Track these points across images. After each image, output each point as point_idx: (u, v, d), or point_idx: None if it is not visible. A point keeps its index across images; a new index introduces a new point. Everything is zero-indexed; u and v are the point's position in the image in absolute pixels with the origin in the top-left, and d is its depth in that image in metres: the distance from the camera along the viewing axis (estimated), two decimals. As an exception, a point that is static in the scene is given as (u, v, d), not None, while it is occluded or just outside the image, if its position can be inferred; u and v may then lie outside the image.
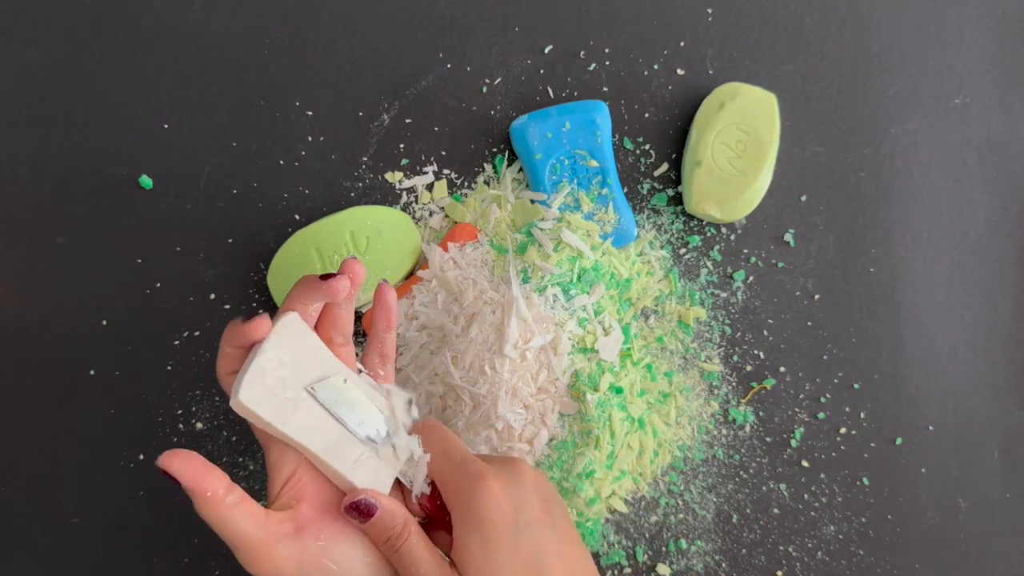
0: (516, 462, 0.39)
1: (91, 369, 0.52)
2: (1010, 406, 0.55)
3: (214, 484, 0.34)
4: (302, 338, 0.38)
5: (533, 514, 0.36)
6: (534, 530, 0.36)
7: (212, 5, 0.54)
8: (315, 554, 0.35)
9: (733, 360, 0.55)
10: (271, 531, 0.34)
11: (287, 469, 0.37)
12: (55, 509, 0.52)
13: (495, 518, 0.35)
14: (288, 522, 0.35)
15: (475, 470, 0.37)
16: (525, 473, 0.38)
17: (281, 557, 0.34)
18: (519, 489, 0.37)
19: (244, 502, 0.35)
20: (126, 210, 0.53)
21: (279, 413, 0.36)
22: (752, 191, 0.53)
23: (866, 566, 0.54)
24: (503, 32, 0.55)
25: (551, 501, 0.38)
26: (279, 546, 0.34)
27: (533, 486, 0.38)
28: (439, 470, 0.38)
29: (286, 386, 0.36)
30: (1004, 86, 0.57)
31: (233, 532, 0.34)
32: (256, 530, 0.34)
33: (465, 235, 0.53)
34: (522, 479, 0.37)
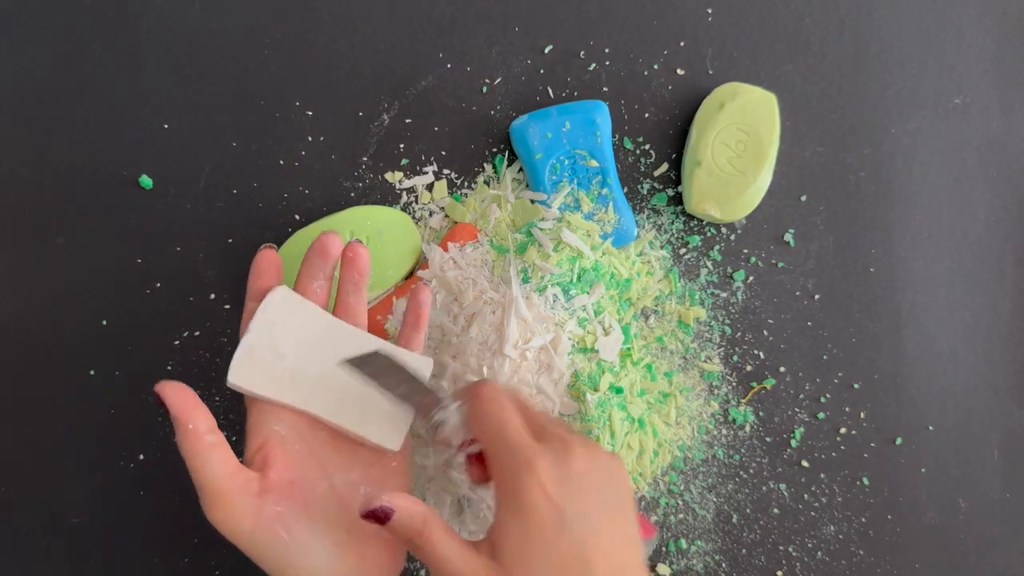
0: (574, 447, 0.36)
1: (91, 369, 0.52)
2: (1010, 406, 0.55)
3: (198, 419, 0.35)
4: (298, 310, 0.39)
5: (582, 508, 0.34)
6: (580, 527, 0.34)
7: (212, 5, 0.54)
8: (270, 518, 0.35)
9: (733, 360, 0.55)
10: (237, 482, 0.35)
11: (260, 435, 0.38)
12: (55, 509, 0.52)
13: (539, 510, 0.34)
14: (255, 481, 0.36)
15: (526, 456, 0.34)
16: (582, 461, 0.35)
17: (237, 510, 0.35)
18: (572, 480, 0.34)
19: (221, 447, 0.36)
20: (126, 210, 0.53)
21: (275, 386, 0.37)
22: (752, 191, 0.53)
23: (866, 566, 0.54)
24: (503, 32, 0.55)
25: (607, 492, 0.36)
26: (239, 499, 0.35)
27: (590, 476, 0.35)
28: (489, 446, 0.36)
29: (283, 356, 0.38)
30: (1004, 86, 0.57)
31: (202, 472, 0.35)
32: (223, 476, 0.35)
33: (465, 235, 0.53)
34: (575, 467, 0.35)
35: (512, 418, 0.36)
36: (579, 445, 0.36)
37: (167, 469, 0.52)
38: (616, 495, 0.36)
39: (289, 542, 0.35)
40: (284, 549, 0.35)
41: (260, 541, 0.35)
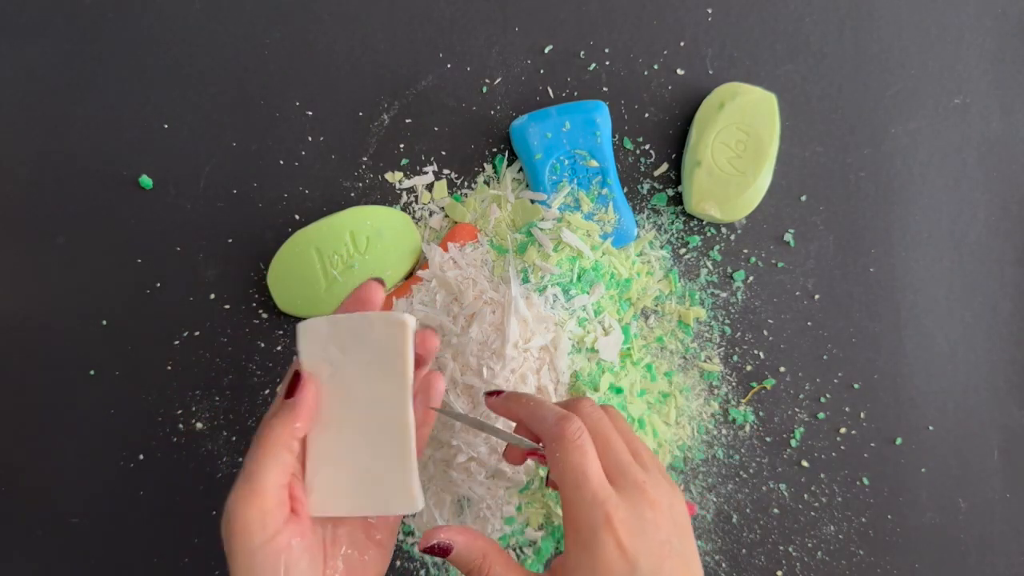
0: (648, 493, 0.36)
1: (91, 369, 0.52)
2: (1010, 406, 0.55)
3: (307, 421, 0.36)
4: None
5: (651, 560, 0.35)
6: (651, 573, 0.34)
7: (212, 5, 0.54)
8: (279, 547, 0.34)
9: (733, 360, 0.55)
10: (278, 497, 0.34)
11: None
12: (55, 509, 0.52)
13: (614, 564, 0.34)
14: (288, 504, 0.35)
15: (604, 511, 0.35)
16: (655, 508, 0.36)
17: (259, 520, 0.34)
18: (646, 531, 0.35)
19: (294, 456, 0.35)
20: (126, 210, 0.53)
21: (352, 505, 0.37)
22: (752, 191, 0.53)
23: (866, 566, 0.54)
24: (503, 32, 0.55)
25: (674, 533, 0.36)
26: (269, 511, 0.34)
27: (661, 522, 0.36)
28: (565, 492, 0.36)
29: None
30: (1004, 86, 0.57)
31: (262, 463, 0.34)
32: (273, 481, 0.34)
33: (465, 235, 0.53)
34: (650, 518, 0.36)
35: (593, 467, 0.36)
36: (652, 489, 0.37)
37: (167, 469, 0.52)
38: (681, 533, 0.37)
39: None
40: None
41: (258, 562, 0.34)
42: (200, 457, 0.52)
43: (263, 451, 0.35)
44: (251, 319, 0.53)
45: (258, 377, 0.53)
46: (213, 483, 0.52)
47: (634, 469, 0.37)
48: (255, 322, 0.53)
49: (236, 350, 0.53)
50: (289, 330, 0.53)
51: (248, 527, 0.34)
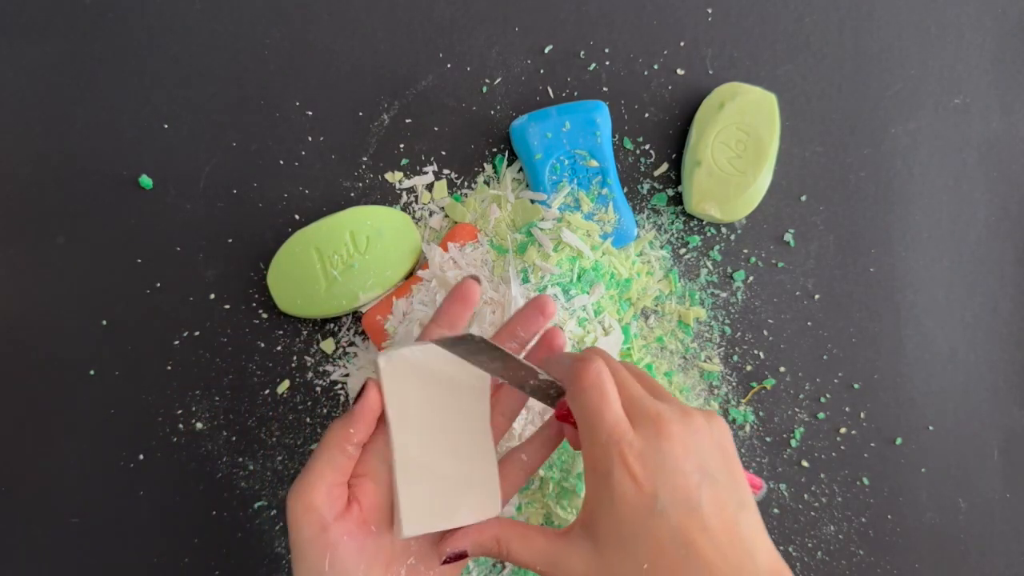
0: (669, 426, 0.35)
1: (91, 369, 0.52)
2: (1010, 406, 0.55)
3: (360, 429, 0.38)
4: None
5: (675, 492, 0.34)
6: (674, 510, 0.33)
7: (212, 5, 0.54)
8: (327, 544, 0.36)
9: (733, 360, 0.55)
10: (331, 495, 0.37)
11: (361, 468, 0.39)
12: (55, 509, 0.52)
13: (631, 500, 0.34)
14: (342, 503, 0.37)
15: (618, 451, 0.34)
16: (678, 440, 0.35)
17: (313, 514, 0.36)
18: (666, 464, 0.34)
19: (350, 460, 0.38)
20: (126, 210, 0.53)
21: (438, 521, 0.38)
22: (752, 191, 0.53)
23: (866, 566, 0.54)
24: (503, 32, 0.55)
25: (709, 462, 0.35)
26: (321, 509, 0.36)
27: (687, 453, 0.34)
28: (583, 429, 0.36)
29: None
30: (1004, 86, 0.57)
31: (317, 461, 0.37)
32: (325, 480, 0.37)
33: (465, 235, 0.53)
34: (669, 451, 0.34)
35: (611, 408, 0.36)
36: (675, 422, 0.35)
37: (167, 469, 0.52)
38: (719, 461, 0.36)
39: (323, 572, 0.36)
40: (316, 573, 0.36)
41: (306, 553, 0.36)
42: (200, 457, 0.52)
43: (319, 450, 0.38)
44: (251, 319, 0.53)
45: (258, 377, 0.53)
46: (213, 483, 0.52)
47: (650, 403, 0.36)
48: (255, 322, 0.53)
49: (236, 350, 0.53)
50: (289, 330, 0.53)
51: (296, 519, 0.36)
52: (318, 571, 0.36)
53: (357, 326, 0.53)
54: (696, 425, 0.36)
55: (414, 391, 0.39)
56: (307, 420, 0.53)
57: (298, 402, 0.53)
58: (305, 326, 0.53)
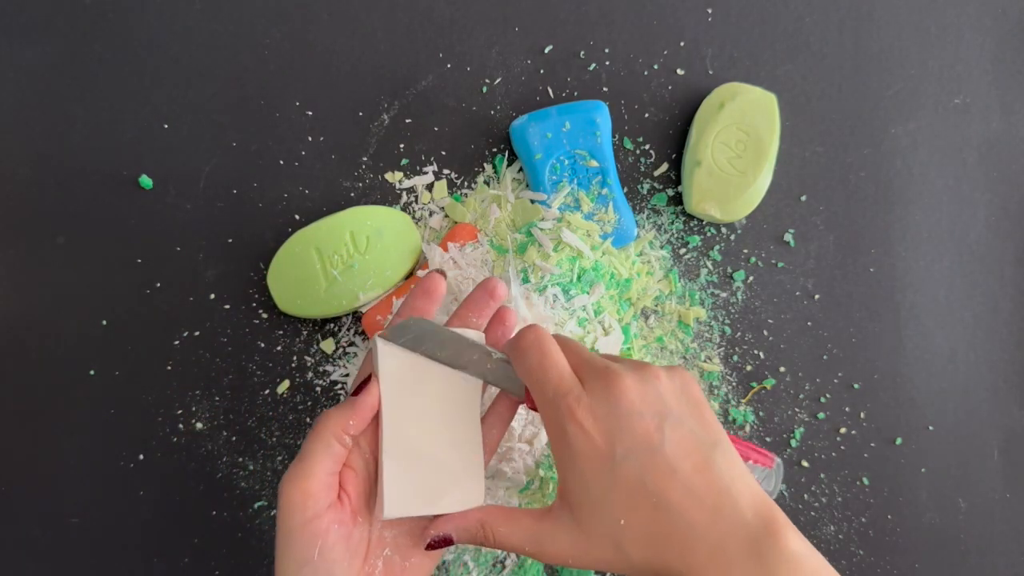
0: (618, 379, 0.34)
1: (91, 369, 0.52)
2: (1010, 406, 0.55)
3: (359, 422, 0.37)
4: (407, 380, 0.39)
5: (634, 439, 0.33)
6: (635, 457, 0.33)
7: (212, 5, 0.54)
8: (319, 531, 0.36)
9: (733, 360, 0.55)
10: (324, 484, 0.36)
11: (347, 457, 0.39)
12: (55, 509, 0.52)
13: (587, 455, 0.33)
14: (333, 493, 0.37)
15: (565, 405, 0.34)
16: (631, 391, 0.34)
17: (302, 504, 0.36)
18: (616, 415, 0.33)
19: (345, 451, 0.37)
20: (126, 210, 0.53)
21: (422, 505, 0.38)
22: (752, 191, 0.53)
23: (866, 566, 0.54)
24: (503, 32, 0.55)
25: (669, 407, 0.34)
26: (313, 497, 0.36)
27: (642, 401, 0.34)
28: (535, 396, 0.36)
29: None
30: (1004, 86, 0.57)
31: (312, 450, 0.37)
32: (322, 467, 0.36)
33: (465, 235, 0.53)
34: (621, 400, 0.34)
35: (553, 363, 0.35)
36: (627, 375, 0.34)
37: (167, 469, 0.52)
38: (682, 404, 0.35)
39: (310, 561, 0.36)
40: (302, 563, 0.36)
41: (295, 540, 0.36)
42: (200, 457, 0.52)
43: (316, 437, 0.37)
44: (251, 319, 0.53)
45: (258, 377, 0.53)
46: (213, 483, 0.52)
47: (599, 360, 0.36)
48: (255, 322, 0.53)
49: (236, 350, 0.53)
50: (289, 330, 0.53)
51: (291, 505, 0.36)
52: (306, 559, 0.35)
53: (357, 326, 0.53)
54: (652, 373, 0.35)
55: (409, 374, 0.39)
56: (307, 420, 0.53)
57: (298, 402, 0.53)
58: (305, 326, 0.53)
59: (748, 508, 0.32)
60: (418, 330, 0.38)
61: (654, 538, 0.32)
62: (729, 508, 0.32)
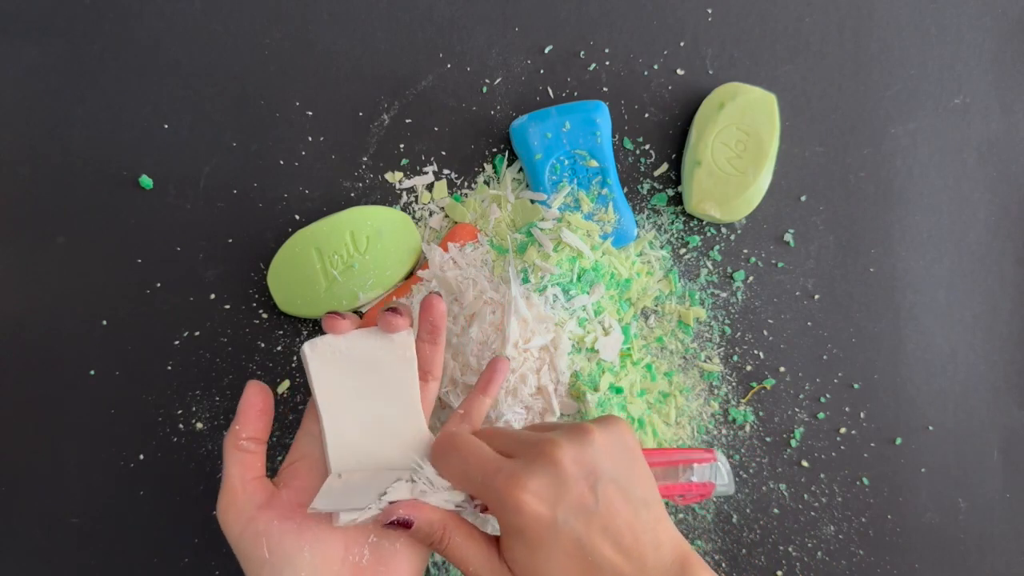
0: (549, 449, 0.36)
1: (91, 369, 0.52)
2: (1010, 406, 0.55)
3: (246, 423, 0.39)
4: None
5: (570, 502, 0.35)
6: (573, 520, 0.35)
7: (212, 5, 0.54)
8: (258, 532, 0.37)
9: (733, 360, 0.55)
10: (247, 488, 0.38)
11: (298, 452, 0.41)
12: (55, 509, 0.52)
13: (531, 525, 0.34)
14: (264, 492, 0.38)
15: (500, 485, 0.35)
16: (564, 458, 0.35)
17: (233, 512, 0.37)
18: (552, 482, 0.35)
19: (251, 454, 0.39)
20: (126, 210, 0.53)
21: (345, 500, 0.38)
22: (752, 191, 0.53)
23: (866, 566, 0.54)
24: (503, 32, 0.55)
25: (603, 468, 0.36)
26: (240, 503, 0.38)
27: (571, 468, 0.35)
28: (471, 489, 0.37)
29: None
30: (1004, 86, 0.57)
31: (225, 467, 0.39)
32: (237, 478, 0.38)
33: (465, 235, 0.53)
34: (556, 466, 0.35)
35: (472, 454, 0.37)
36: (560, 441, 0.36)
37: (167, 469, 0.52)
38: (616, 462, 0.37)
39: (266, 560, 0.36)
40: (260, 564, 0.36)
41: (243, 547, 0.37)
42: (200, 457, 0.52)
43: (223, 456, 0.39)
44: (251, 319, 0.53)
45: (258, 377, 0.53)
46: (213, 483, 0.52)
47: (527, 435, 0.38)
48: (255, 322, 0.53)
49: (236, 350, 0.53)
50: (289, 330, 0.53)
51: (225, 519, 0.38)
52: (260, 562, 0.36)
53: (357, 326, 0.53)
54: (585, 434, 0.37)
55: (342, 376, 0.40)
56: (307, 420, 0.53)
57: (298, 402, 0.53)
58: (305, 326, 0.53)
59: (668, 554, 0.36)
60: (344, 486, 0.38)
61: None
62: (652, 556, 0.35)
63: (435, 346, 0.42)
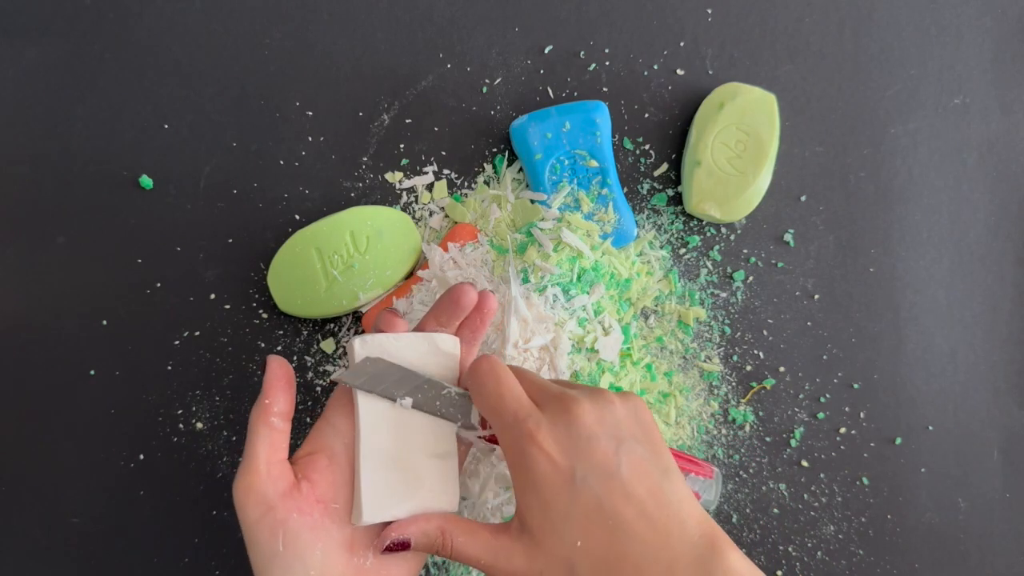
0: (576, 404, 0.35)
1: (91, 369, 0.52)
2: (1010, 406, 0.55)
3: (277, 399, 0.37)
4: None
5: (592, 462, 0.34)
6: (593, 480, 0.34)
7: (212, 5, 0.54)
8: (274, 523, 0.35)
9: (733, 360, 0.55)
10: (272, 471, 0.36)
11: (317, 442, 0.39)
12: (55, 509, 0.52)
13: (548, 477, 0.34)
14: (287, 480, 0.37)
15: (525, 429, 0.34)
16: (588, 415, 0.35)
17: (256, 495, 0.36)
18: (579, 437, 0.34)
19: (279, 433, 0.37)
20: (126, 210, 0.53)
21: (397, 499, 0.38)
22: (752, 191, 0.53)
23: (866, 566, 0.54)
24: (503, 32, 0.55)
25: (624, 432, 0.35)
26: (263, 485, 0.36)
27: (600, 425, 0.35)
28: (493, 423, 0.36)
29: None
30: (1004, 86, 0.57)
31: (251, 443, 0.37)
32: (264, 458, 0.36)
33: (465, 235, 0.53)
34: (578, 423, 0.35)
35: (509, 390, 0.36)
36: (584, 400, 0.35)
37: (167, 469, 0.52)
38: (637, 431, 0.36)
39: (278, 553, 0.35)
40: (271, 556, 0.35)
41: (256, 537, 0.36)
42: (200, 457, 0.52)
43: (248, 434, 0.37)
44: (251, 319, 0.53)
45: (258, 377, 0.53)
46: (213, 483, 0.52)
47: (554, 387, 0.37)
48: (255, 322, 0.53)
49: (236, 350, 0.53)
50: (289, 330, 0.53)
51: (243, 501, 0.36)
52: (271, 553, 0.35)
53: (357, 326, 0.53)
54: (606, 398, 0.36)
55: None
56: (307, 420, 0.53)
57: (299, 402, 0.53)
58: (305, 326, 0.53)
59: (695, 530, 0.34)
60: (374, 370, 0.38)
61: (608, 560, 0.33)
62: (678, 530, 0.34)
63: (472, 347, 0.42)
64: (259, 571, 0.36)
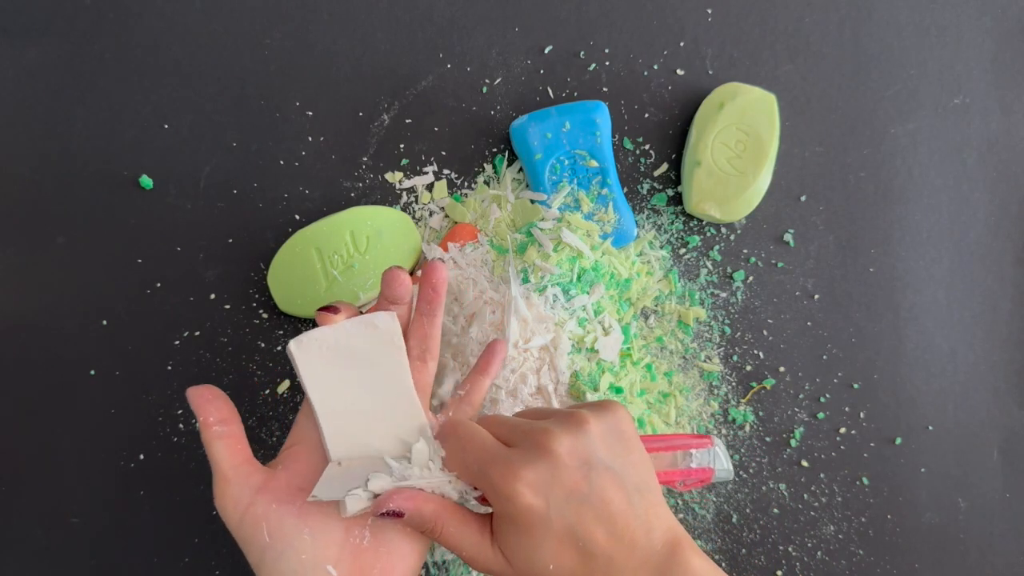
0: (546, 439, 0.36)
1: (91, 369, 0.52)
2: (1010, 406, 0.55)
3: (208, 413, 0.38)
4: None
5: (564, 491, 0.35)
6: (566, 508, 0.35)
7: (212, 5, 0.54)
8: (258, 516, 0.37)
9: (733, 360, 0.55)
10: (239, 472, 0.38)
11: (297, 436, 0.40)
12: (55, 509, 0.52)
13: (524, 514, 0.35)
14: (258, 476, 0.38)
15: (497, 475, 0.35)
16: (555, 449, 0.36)
17: (231, 499, 0.37)
18: (547, 472, 0.35)
19: (228, 438, 0.38)
20: (126, 210, 0.53)
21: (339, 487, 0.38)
22: (752, 191, 0.53)
23: (866, 566, 0.54)
24: (503, 32, 0.55)
25: (599, 456, 0.36)
26: (235, 488, 0.37)
27: (565, 458, 0.36)
28: (469, 477, 0.38)
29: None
30: (1004, 86, 0.57)
31: (210, 457, 0.38)
32: (226, 464, 0.38)
33: (465, 235, 0.53)
34: (550, 457, 0.35)
35: (471, 439, 0.37)
36: (555, 431, 0.36)
37: (167, 469, 0.52)
38: (611, 449, 0.37)
39: (268, 544, 0.36)
40: (262, 549, 0.36)
41: (243, 533, 0.37)
42: (200, 457, 0.52)
43: (206, 450, 0.38)
44: (251, 319, 0.53)
45: (258, 377, 0.53)
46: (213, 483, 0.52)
47: (524, 424, 0.38)
48: (255, 322, 0.53)
49: (236, 350, 0.53)
50: (289, 330, 0.53)
51: (222, 506, 0.37)
52: (261, 546, 0.36)
53: (357, 326, 0.53)
54: (579, 422, 0.37)
55: (331, 368, 0.40)
56: (307, 420, 0.53)
57: (298, 402, 0.53)
58: (305, 326, 0.53)
59: (659, 538, 0.36)
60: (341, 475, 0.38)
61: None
62: (644, 540, 0.35)
63: (433, 319, 0.42)
64: (256, 567, 0.37)
